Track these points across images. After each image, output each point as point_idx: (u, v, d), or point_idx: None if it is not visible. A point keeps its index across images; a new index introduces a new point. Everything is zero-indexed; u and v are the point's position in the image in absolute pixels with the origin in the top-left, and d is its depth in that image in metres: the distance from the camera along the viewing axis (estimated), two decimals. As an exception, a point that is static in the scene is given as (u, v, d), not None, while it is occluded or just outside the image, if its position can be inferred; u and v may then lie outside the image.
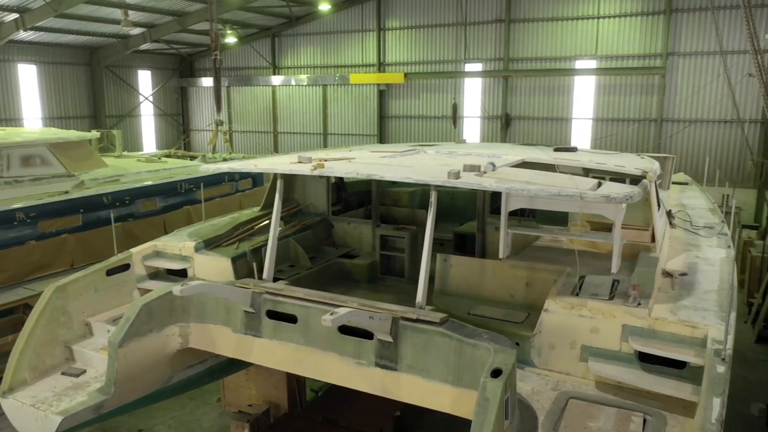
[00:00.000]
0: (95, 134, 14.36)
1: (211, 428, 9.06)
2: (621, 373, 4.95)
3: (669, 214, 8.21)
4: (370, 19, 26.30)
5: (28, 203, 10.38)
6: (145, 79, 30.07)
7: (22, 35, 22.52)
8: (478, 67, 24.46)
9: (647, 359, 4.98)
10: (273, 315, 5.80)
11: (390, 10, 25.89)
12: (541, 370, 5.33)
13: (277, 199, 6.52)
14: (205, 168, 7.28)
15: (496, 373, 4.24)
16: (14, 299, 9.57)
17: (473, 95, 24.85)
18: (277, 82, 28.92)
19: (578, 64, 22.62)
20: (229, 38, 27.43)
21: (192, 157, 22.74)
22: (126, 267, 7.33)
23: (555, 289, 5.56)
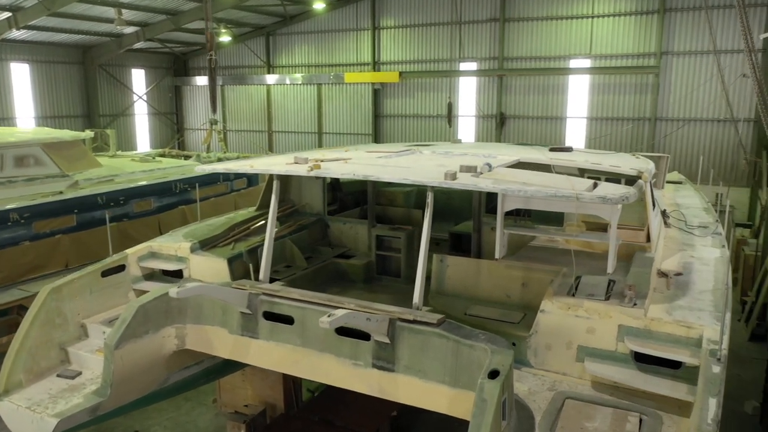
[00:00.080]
0: (89, 134, 14.30)
1: (207, 429, 9.04)
2: (617, 374, 4.97)
3: (664, 213, 8.25)
4: (365, 18, 26.27)
5: (21, 204, 10.33)
6: (138, 78, 29.96)
7: (15, 34, 22.39)
8: (472, 66, 24.48)
9: (643, 359, 5.00)
10: (270, 316, 5.80)
11: (384, 8, 25.87)
12: (538, 370, 5.35)
13: (273, 200, 6.51)
14: (200, 168, 7.24)
15: (493, 374, 4.26)
16: (8, 300, 9.53)
17: (468, 94, 24.87)
18: (272, 80, 28.86)
19: (573, 63, 22.67)
20: (224, 37, 27.35)
21: (186, 157, 22.66)
22: (121, 268, 7.31)
23: (551, 289, 5.58)
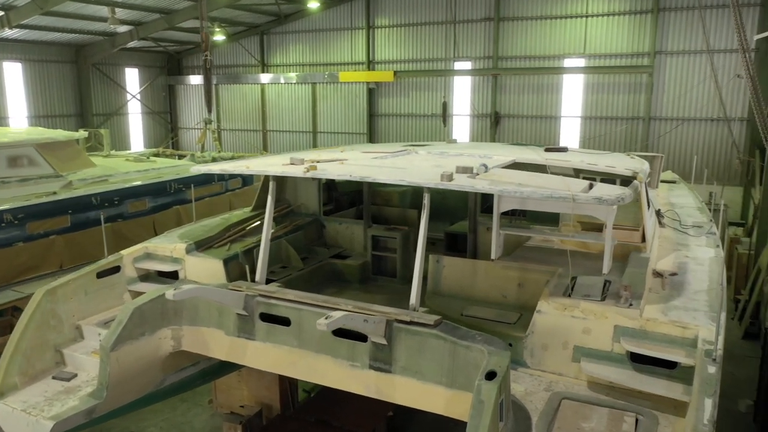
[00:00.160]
0: (83, 134, 14.22)
1: (203, 430, 9.02)
2: (613, 374, 5.00)
3: (658, 213, 8.28)
4: (360, 17, 26.24)
5: (15, 204, 10.27)
6: (132, 77, 29.84)
7: (8, 33, 22.27)
8: (467, 65, 24.51)
9: (639, 359, 5.03)
10: (266, 318, 5.79)
11: (379, 7, 25.85)
12: (534, 370, 5.36)
13: (269, 201, 6.50)
14: (196, 169, 7.23)
15: (490, 375, 4.27)
16: (2, 302, 9.47)
17: (462, 93, 24.89)
18: (266, 80, 28.80)
19: (567, 62, 22.73)
20: (218, 36, 27.27)
21: (181, 156, 22.60)
22: (116, 269, 7.28)
23: (547, 290, 5.60)
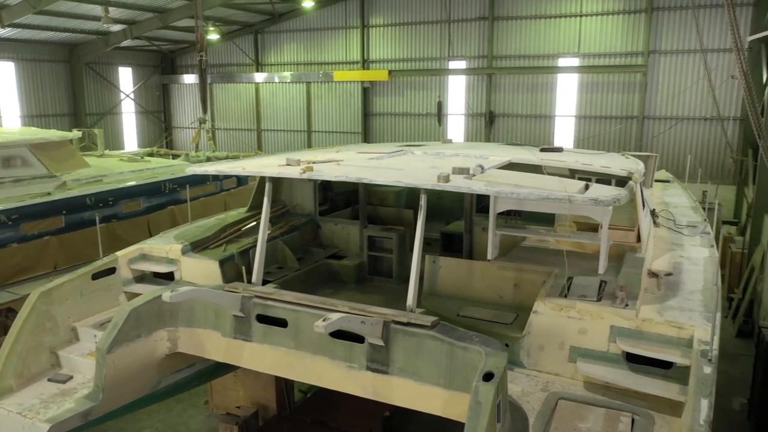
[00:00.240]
0: (77, 134, 14.17)
1: (198, 431, 9.02)
2: (609, 374, 5.02)
3: (653, 213, 8.32)
4: (354, 16, 26.19)
5: (9, 205, 10.21)
6: (125, 76, 29.67)
7: (0, 32, 22.11)
8: (462, 64, 24.51)
9: (634, 360, 5.05)
10: (263, 319, 5.79)
11: (374, 6, 25.81)
12: (531, 370, 5.38)
13: (265, 202, 6.49)
14: (191, 170, 7.21)
15: (488, 376, 4.28)
16: (-4, 303, 9.44)
17: (457, 93, 24.87)
18: (261, 79, 28.71)
19: (561, 61, 22.75)
20: (212, 35, 27.16)
21: (175, 156, 22.53)
22: (112, 270, 7.26)
23: (544, 290, 5.62)
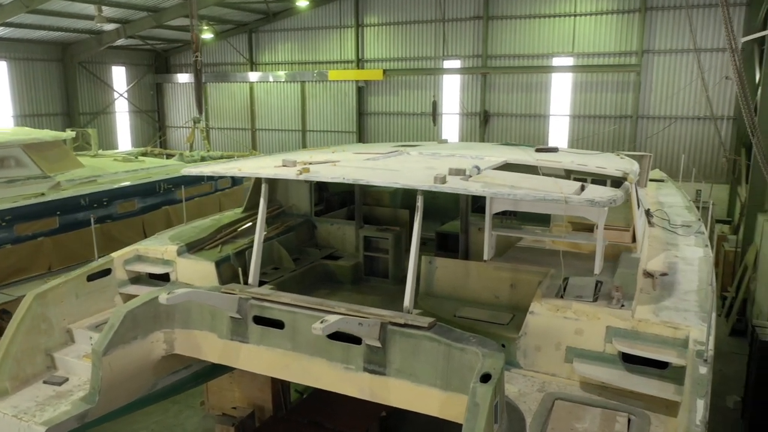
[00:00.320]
0: (70, 134, 14.07)
1: (194, 432, 9.00)
2: (605, 374, 5.05)
3: (647, 213, 8.35)
4: (349, 15, 26.17)
5: (2, 206, 10.14)
6: (119, 76, 29.54)
7: (-8, 31, 22.02)
8: (456, 63, 24.53)
9: (630, 360, 5.08)
10: (260, 321, 5.78)
11: (368, 6, 25.79)
12: (527, 371, 5.40)
13: (262, 203, 6.49)
14: (187, 171, 7.19)
15: (485, 378, 4.29)
16: (-9, 305, 9.39)
17: (452, 92, 24.90)
18: (255, 78, 28.65)
19: (555, 61, 22.81)
20: (206, 34, 27.08)
21: (169, 156, 22.43)
22: (107, 272, 7.23)
23: (540, 291, 5.64)
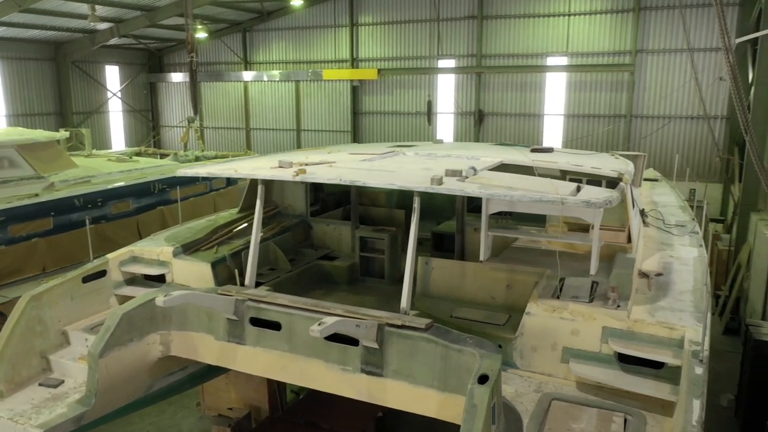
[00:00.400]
0: (64, 134, 14.02)
1: (190, 433, 8.99)
2: (601, 374, 5.07)
3: (642, 213, 8.39)
4: (343, 15, 26.14)
5: (-4, 207, 10.12)
6: (112, 75, 29.40)
7: (-16, 30, 21.87)
8: (451, 63, 24.54)
9: (626, 360, 5.10)
10: (256, 322, 5.77)
11: (363, 5, 25.77)
12: (524, 371, 5.42)
13: (258, 205, 6.47)
14: (182, 172, 7.17)
15: (482, 379, 4.30)
16: (-16, 306, 9.34)
17: (446, 91, 24.91)
18: (249, 77, 28.58)
19: (550, 60, 22.86)
20: (200, 33, 26.98)
21: (163, 155, 22.35)
22: (102, 273, 7.20)
23: (536, 291, 5.65)
